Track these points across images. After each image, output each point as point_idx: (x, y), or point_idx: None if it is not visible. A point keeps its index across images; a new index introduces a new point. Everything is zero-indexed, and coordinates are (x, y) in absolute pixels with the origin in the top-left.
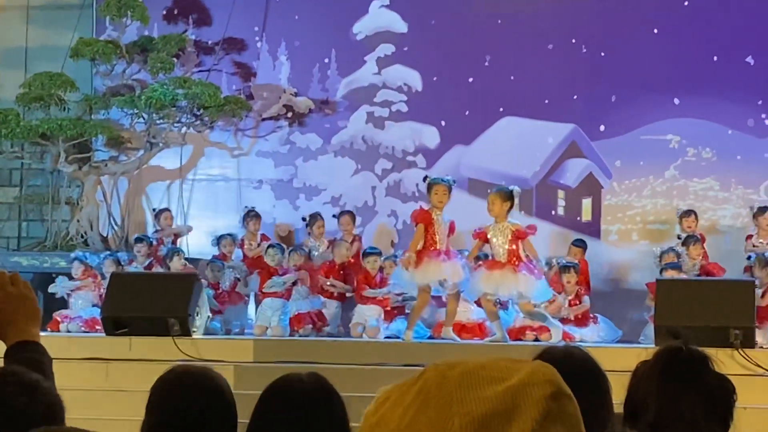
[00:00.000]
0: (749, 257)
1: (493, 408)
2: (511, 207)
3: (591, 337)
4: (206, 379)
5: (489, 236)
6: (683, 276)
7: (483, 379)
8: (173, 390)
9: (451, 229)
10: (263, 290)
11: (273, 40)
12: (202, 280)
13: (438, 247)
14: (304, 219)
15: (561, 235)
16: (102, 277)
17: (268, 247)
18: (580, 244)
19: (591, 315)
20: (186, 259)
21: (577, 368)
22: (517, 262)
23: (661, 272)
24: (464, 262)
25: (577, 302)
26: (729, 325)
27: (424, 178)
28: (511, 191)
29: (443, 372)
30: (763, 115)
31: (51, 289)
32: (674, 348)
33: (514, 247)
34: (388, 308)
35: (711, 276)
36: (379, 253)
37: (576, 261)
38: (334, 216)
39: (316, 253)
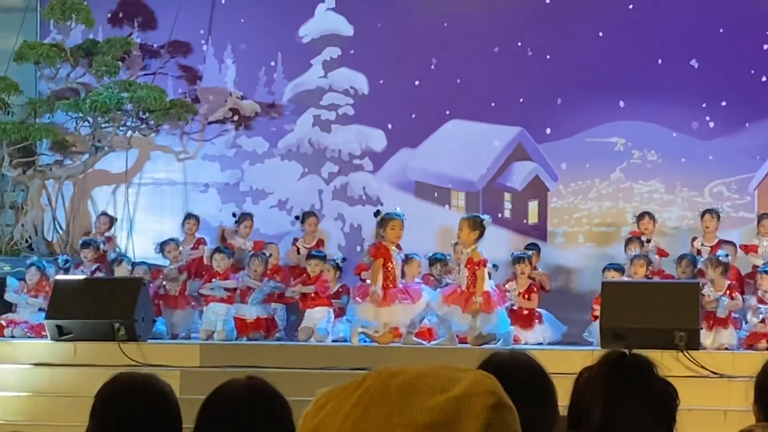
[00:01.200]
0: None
1: (434, 419)
2: (480, 236)
3: (536, 338)
4: (150, 384)
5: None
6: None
7: (425, 389)
8: (117, 396)
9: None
10: (201, 292)
11: (219, 43)
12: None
13: (396, 285)
14: (234, 215)
15: (507, 237)
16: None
17: (215, 251)
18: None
19: (536, 313)
20: (133, 264)
21: (522, 373)
22: (474, 292)
23: (603, 272)
24: (423, 287)
25: (528, 296)
26: (674, 327)
27: (376, 213)
28: (481, 221)
29: (385, 380)
30: (707, 118)
31: (6, 297)
32: (618, 353)
33: (471, 275)
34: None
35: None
36: (323, 257)
37: (530, 252)
38: (297, 218)
39: (243, 253)
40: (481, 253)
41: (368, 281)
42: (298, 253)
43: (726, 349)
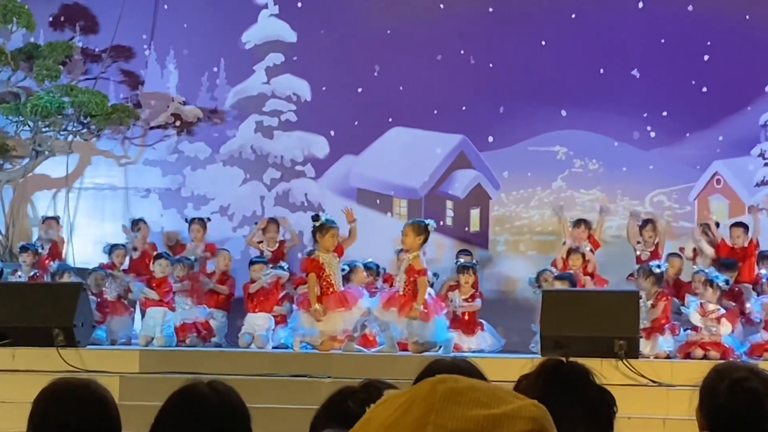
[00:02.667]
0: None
1: (468, 429)
2: (425, 241)
3: (477, 345)
4: (89, 391)
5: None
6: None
7: (469, 401)
8: (55, 402)
9: (339, 252)
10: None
11: (161, 48)
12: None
13: (335, 290)
14: (186, 220)
15: (449, 245)
16: None
17: (157, 256)
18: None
19: (478, 321)
20: (72, 269)
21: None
22: (411, 298)
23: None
24: (363, 291)
25: (471, 300)
26: (614, 335)
27: (315, 217)
28: (426, 225)
29: (434, 384)
30: (649, 128)
31: None
32: (555, 361)
33: (411, 282)
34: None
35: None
36: (265, 262)
37: (475, 261)
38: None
39: (193, 258)
40: (422, 262)
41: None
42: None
43: (667, 357)
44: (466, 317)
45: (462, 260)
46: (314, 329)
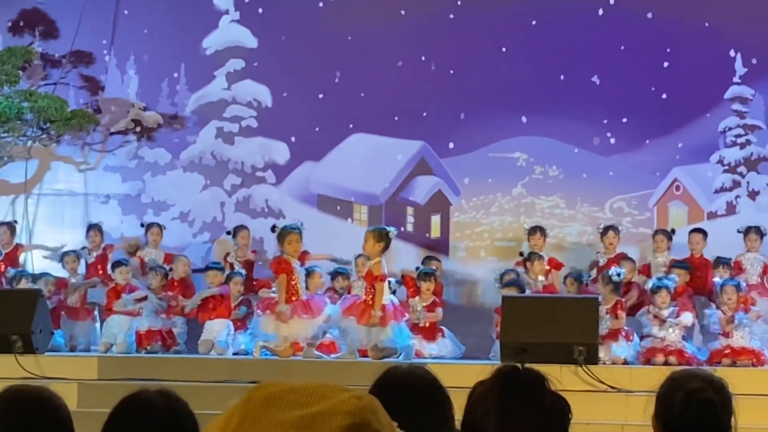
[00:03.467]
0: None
1: None
2: (385, 247)
3: (438, 351)
4: (41, 398)
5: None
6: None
7: (287, 403)
8: (7, 410)
9: (302, 260)
10: (114, 309)
11: (121, 53)
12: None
13: (299, 297)
14: (142, 225)
15: (410, 251)
16: None
17: (117, 263)
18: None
19: (439, 327)
20: (29, 275)
21: (419, 387)
22: (371, 304)
23: (502, 290)
24: (326, 299)
25: (433, 310)
26: (573, 341)
27: (273, 228)
28: (387, 232)
29: (252, 392)
30: (609, 134)
31: None
32: (511, 367)
33: (370, 288)
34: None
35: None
36: (222, 269)
37: (434, 268)
38: (228, 233)
39: (153, 265)
40: (382, 268)
41: (271, 295)
42: (232, 268)
43: (625, 362)
44: (427, 324)
45: (422, 267)
46: (275, 335)
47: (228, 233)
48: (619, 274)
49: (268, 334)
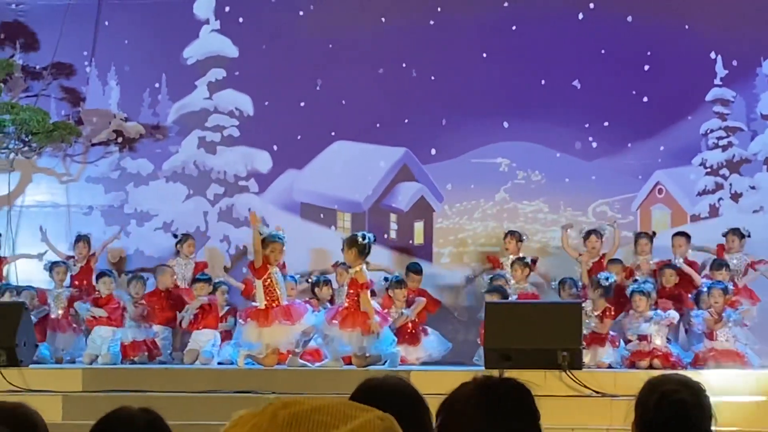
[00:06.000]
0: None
1: None
2: (359, 253)
3: (424, 353)
4: (18, 414)
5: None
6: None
7: (313, 423)
8: None
9: (283, 267)
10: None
11: (102, 64)
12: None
13: (280, 304)
14: (174, 236)
15: (393, 258)
16: None
17: (100, 274)
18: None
19: (421, 329)
20: (14, 287)
21: (396, 397)
22: (354, 313)
23: (485, 295)
24: (307, 306)
25: (412, 302)
26: (557, 347)
27: (174, 235)
28: (356, 238)
29: (275, 411)
30: (590, 138)
31: None
32: (488, 377)
33: (354, 296)
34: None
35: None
36: (209, 280)
37: (398, 275)
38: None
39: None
40: (365, 275)
41: (253, 304)
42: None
43: (609, 366)
44: (410, 328)
45: (390, 275)
46: (258, 343)
47: (174, 236)
48: (607, 278)
49: (251, 343)
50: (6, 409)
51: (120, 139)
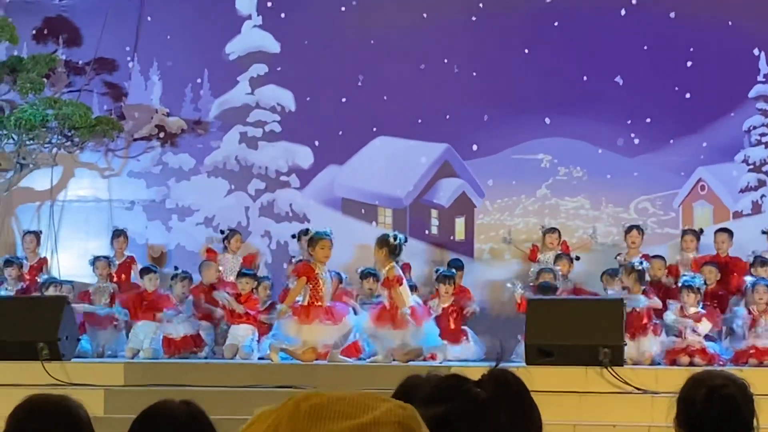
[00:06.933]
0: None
1: None
2: (390, 252)
3: (462, 353)
4: (62, 407)
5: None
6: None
7: (334, 414)
8: (28, 419)
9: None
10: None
11: (145, 59)
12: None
13: (323, 304)
14: (222, 232)
15: (434, 254)
16: None
17: (146, 270)
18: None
19: (463, 330)
20: (58, 281)
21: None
22: (392, 310)
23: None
24: (349, 308)
25: (458, 309)
26: (598, 343)
27: (305, 231)
28: (387, 238)
29: (297, 402)
30: (633, 135)
31: None
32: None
33: (390, 295)
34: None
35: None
36: (253, 275)
37: (453, 271)
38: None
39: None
40: (395, 270)
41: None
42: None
43: (651, 363)
44: (452, 326)
45: (441, 269)
46: (297, 338)
47: (221, 232)
48: (641, 263)
49: (289, 337)
50: (51, 401)
51: (162, 134)
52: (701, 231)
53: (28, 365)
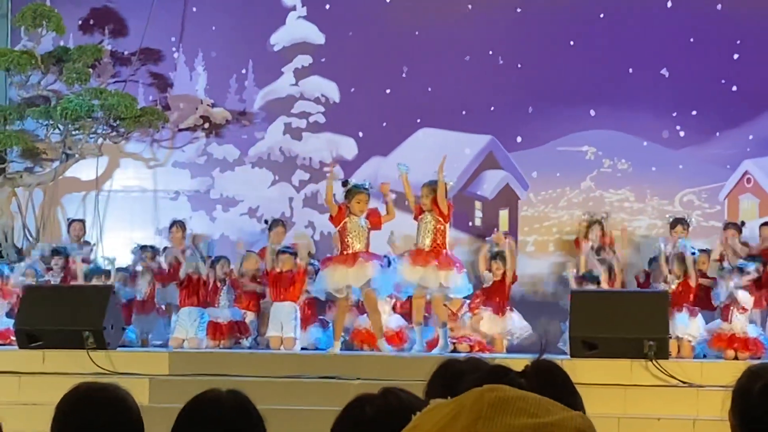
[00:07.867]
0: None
1: None
2: (437, 197)
3: (506, 327)
4: (111, 395)
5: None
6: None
7: (517, 410)
8: (78, 407)
9: (376, 224)
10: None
11: (190, 50)
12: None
13: (349, 252)
14: (266, 222)
15: (478, 246)
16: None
17: (217, 258)
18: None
19: (508, 304)
20: (103, 271)
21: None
22: (437, 254)
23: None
24: (381, 262)
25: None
26: (643, 336)
27: (345, 183)
28: (434, 181)
29: (482, 392)
30: (678, 127)
31: None
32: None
33: (436, 237)
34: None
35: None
36: (293, 253)
37: (504, 249)
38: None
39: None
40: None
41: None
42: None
43: (695, 356)
44: (497, 299)
45: (496, 248)
46: (339, 283)
47: (265, 222)
48: (693, 251)
49: (329, 287)
50: (99, 388)
51: (206, 125)
52: (743, 224)
53: (74, 354)
